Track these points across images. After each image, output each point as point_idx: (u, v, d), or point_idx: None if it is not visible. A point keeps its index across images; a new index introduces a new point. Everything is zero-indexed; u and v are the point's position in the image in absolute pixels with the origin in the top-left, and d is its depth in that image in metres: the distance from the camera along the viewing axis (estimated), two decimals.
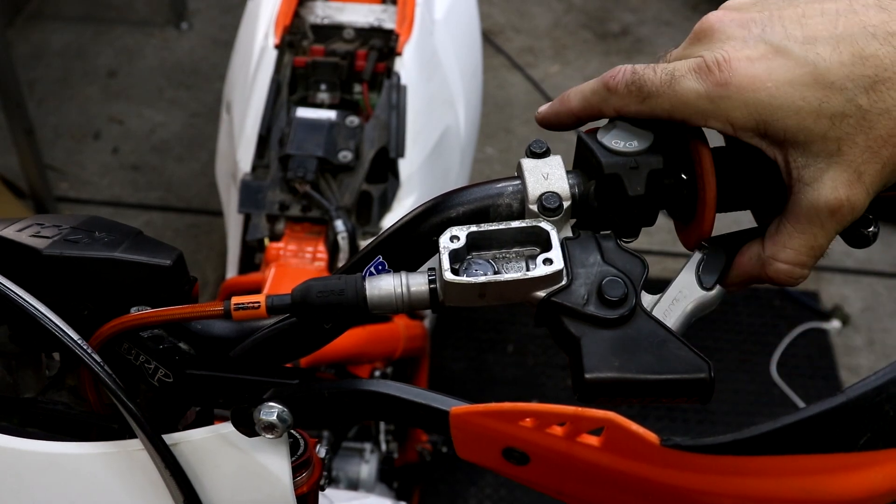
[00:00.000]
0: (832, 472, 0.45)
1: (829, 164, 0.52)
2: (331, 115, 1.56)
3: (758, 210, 0.63)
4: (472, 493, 2.19)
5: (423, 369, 1.78)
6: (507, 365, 2.45)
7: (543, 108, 0.63)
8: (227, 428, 0.62)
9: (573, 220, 0.59)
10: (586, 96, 0.60)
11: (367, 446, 1.59)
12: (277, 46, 1.66)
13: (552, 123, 0.63)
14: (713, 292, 0.58)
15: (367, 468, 1.57)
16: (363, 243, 1.47)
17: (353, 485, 1.55)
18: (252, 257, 1.57)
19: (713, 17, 0.56)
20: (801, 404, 2.36)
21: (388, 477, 1.65)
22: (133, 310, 0.61)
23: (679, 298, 0.57)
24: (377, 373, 1.53)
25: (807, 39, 0.52)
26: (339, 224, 1.45)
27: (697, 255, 0.59)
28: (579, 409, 0.47)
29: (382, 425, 1.65)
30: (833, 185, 0.53)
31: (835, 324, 2.57)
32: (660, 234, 2.62)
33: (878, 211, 0.58)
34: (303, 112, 1.57)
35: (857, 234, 0.58)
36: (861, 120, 0.51)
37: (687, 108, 0.54)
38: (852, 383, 0.45)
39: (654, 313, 0.56)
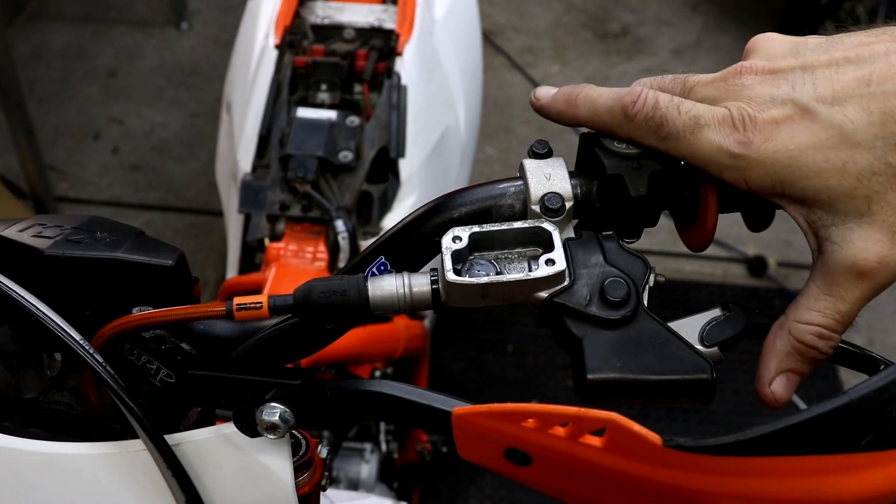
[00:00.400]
0: (835, 472, 0.45)
1: (860, 223, 0.51)
2: (331, 115, 1.56)
3: (754, 214, 0.63)
4: (472, 493, 2.19)
5: (424, 369, 1.78)
6: (507, 365, 2.45)
7: (545, 95, 0.60)
8: (228, 428, 0.62)
9: (575, 221, 0.59)
10: (598, 111, 0.57)
11: (368, 446, 1.59)
12: (278, 46, 1.66)
13: (551, 116, 0.60)
14: (709, 350, 0.56)
15: (367, 468, 1.57)
16: (363, 243, 1.47)
17: (354, 485, 1.55)
18: (252, 257, 1.57)
19: (745, 68, 0.54)
20: (802, 405, 2.36)
21: (388, 477, 1.65)
22: (135, 310, 0.61)
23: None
24: (377, 373, 1.53)
25: (836, 99, 0.51)
26: (340, 224, 1.45)
27: (716, 312, 0.58)
28: (582, 409, 0.47)
29: (382, 425, 1.65)
30: (864, 246, 0.51)
31: None
32: (660, 234, 2.62)
33: None
34: (303, 112, 1.57)
35: None
36: (892, 177, 0.50)
37: (705, 158, 0.53)
38: (854, 384, 0.45)
39: None
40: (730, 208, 0.60)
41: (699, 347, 0.55)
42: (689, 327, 0.56)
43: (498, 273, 0.55)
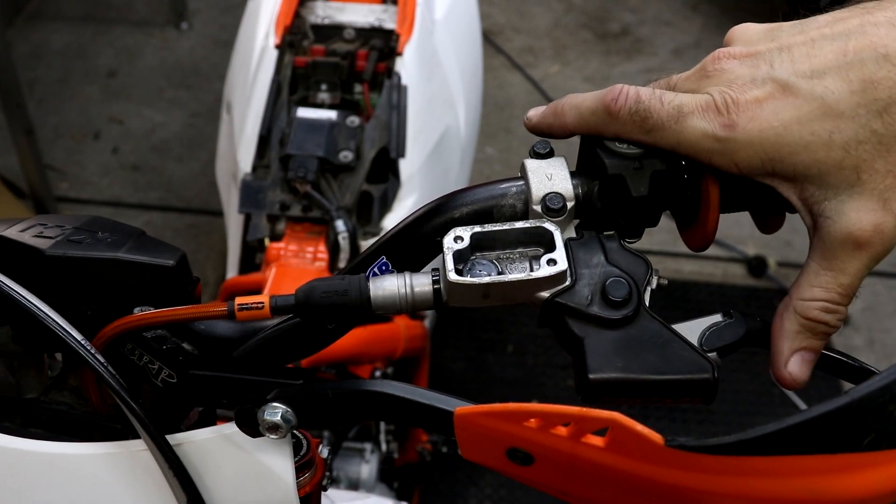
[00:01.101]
0: (836, 472, 0.45)
1: (851, 194, 0.51)
2: (331, 115, 1.56)
3: (759, 213, 0.63)
4: (472, 493, 2.19)
5: (424, 369, 1.78)
6: (507, 365, 2.45)
7: (535, 114, 0.61)
8: (230, 428, 0.62)
9: (577, 221, 0.59)
10: (583, 115, 0.58)
11: (368, 446, 1.59)
12: (278, 46, 1.66)
13: (543, 132, 0.61)
14: (707, 356, 0.55)
15: (367, 468, 1.57)
16: (364, 243, 1.47)
17: (354, 485, 1.55)
18: (252, 257, 1.57)
19: (723, 54, 0.55)
20: (802, 405, 2.36)
21: (388, 477, 1.65)
22: (136, 310, 0.61)
23: None
24: (378, 373, 1.53)
25: (814, 73, 0.51)
26: (340, 224, 1.45)
27: (716, 317, 0.58)
28: (584, 409, 0.47)
29: (383, 425, 1.65)
30: (857, 216, 0.51)
31: None
32: (660, 234, 2.62)
33: None
34: (303, 112, 1.57)
35: None
36: (878, 144, 0.50)
37: (692, 146, 0.54)
38: (856, 384, 0.45)
39: None
40: (731, 208, 0.60)
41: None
42: (689, 331, 0.56)
43: (500, 273, 0.55)
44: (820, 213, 0.52)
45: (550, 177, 0.58)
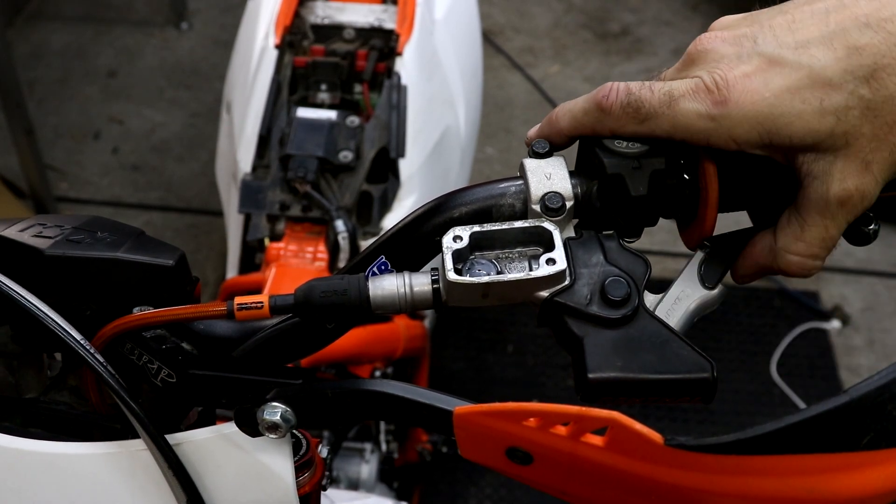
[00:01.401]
0: (835, 471, 0.45)
1: (837, 156, 0.53)
2: (331, 115, 1.56)
3: (757, 209, 0.63)
4: (472, 493, 2.19)
5: (424, 369, 1.78)
6: (507, 365, 2.45)
7: (532, 131, 0.62)
8: (229, 428, 0.62)
9: (576, 221, 0.59)
10: (577, 117, 0.59)
11: (368, 446, 1.59)
12: (278, 46, 1.66)
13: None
14: (715, 291, 0.58)
15: (367, 468, 1.57)
16: (364, 243, 1.47)
17: (354, 485, 1.55)
18: (252, 257, 1.57)
19: (705, 38, 0.56)
20: (802, 404, 2.36)
21: (388, 477, 1.65)
22: (136, 310, 0.61)
23: (681, 298, 0.58)
24: (377, 373, 1.53)
25: (799, 44, 0.52)
26: (340, 224, 1.46)
27: (699, 255, 0.59)
28: (583, 408, 0.47)
29: (382, 425, 1.65)
30: (841, 177, 0.53)
31: (835, 324, 2.57)
32: (660, 233, 2.62)
33: (879, 210, 0.58)
34: (303, 112, 1.57)
35: (858, 232, 0.58)
36: (865, 110, 0.51)
37: (688, 128, 0.54)
38: (855, 383, 0.45)
39: (657, 313, 0.56)
40: (730, 207, 0.60)
41: (707, 292, 0.57)
42: (687, 283, 0.58)
43: (499, 272, 0.55)
44: (808, 172, 0.54)
45: (549, 176, 0.58)
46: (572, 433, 0.49)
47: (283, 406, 0.59)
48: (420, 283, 0.56)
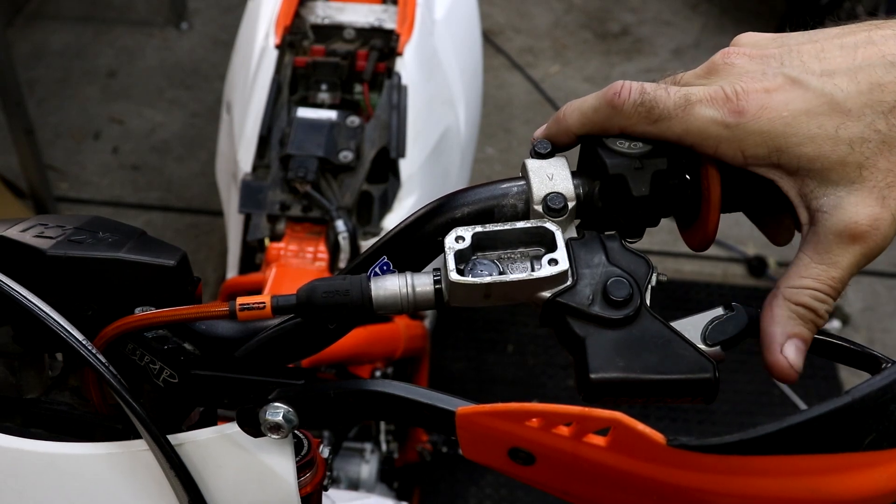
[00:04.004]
0: (837, 471, 0.45)
1: (851, 190, 0.51)
2: (331, 115, 1.56)
3: (757, 213, 0.63)
4: (472, 493, 2.19)
5: (424, 369, 1.78)
6: (508, 365, 2.45)
7: (539, 131, 0.62)
8: (231, 428, 0.62)
9: (578, 221, 0.59)
10: (586, 114, 0.58)
11: (368, 446, 1.59)
12: (278, 46, 1.66)
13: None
14: (711, 350, 0.56)
15: (367, 468, 1.57)
16: (364, 244, 1.47)
17: (354, 485, 1.55)
18: (253, 257, 1.57)
19: (732, 52, 0.56)
20: (802, 405, 2.36)
21: (388, 477, 1.65)
22: (137, 310, 0.61)
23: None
24: (377, 373, 1.53)
25: (824, 72, 0.52)
26: (340, 224, 1.46)
27: (718, 311, 0.58)
28: (586, 409, 0.47)
29: (383, 425, 1.65)
30: (855, 210, 0.51)
31: (835, 324, 2.58)
32: (660, 234, 2.63)
33: None
34: (303, 112, 1.57)
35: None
36: (881, 144, 0.51)
37: (700, 133, 0.54)
38: (856, 384, 0.45)
39: None
40: (731, 207, 0.60)
41: (702, 347, 0.55)
42: (692, 327, 0.56)
43: (501, 273, 0.55)
44: (818, 208, 0.53)
45: (552, 177, 0.58)
46: (574, 433, 0.49)
47: (286, 406, 0.59)
48: (422, 283, 0.56)
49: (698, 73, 0.57)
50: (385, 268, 0.59)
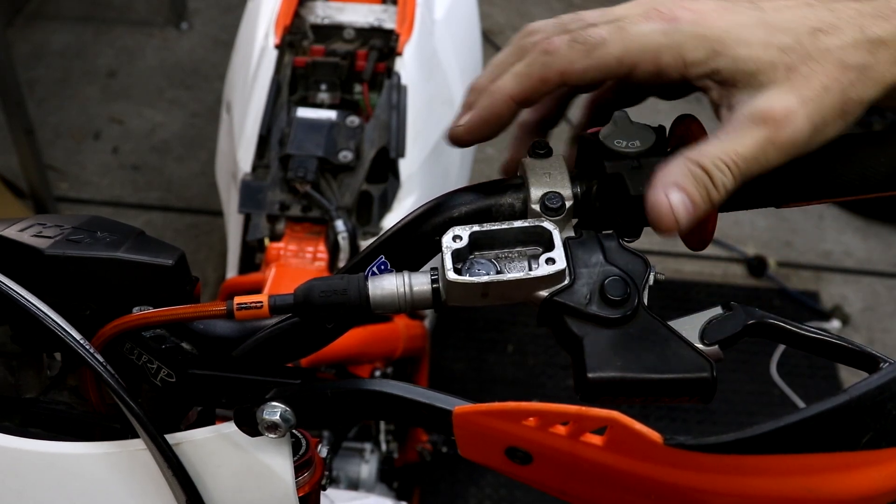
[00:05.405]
0: (835, 470, 0.45)
1: (773, 86, 0.53)
2: (331, 115, 1.56)
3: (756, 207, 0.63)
4: (472, 493, 2.19)
5: (423, 369, 1.78)
6: (508, 365, 2.45)
7: (462, 122, 0.59)
8: (229, 428, 0.61)
9: (575, 220, 0.59)
10: (521, 72, 0.57)
11: (368, 446, 1.59)
12: (277, 46, 1.66)
13: (483, 131, 0.59)
14: (709, 349, 0.55)
15: (367, 468, 1.57)
16: (363, 243, 1.48)
17: (354, 485, 1.55)
18: (252, 257, 1.57)
19: None
20: (801, 404, 2.36)
21: (388, 477, 1.65)
22: (135, 310, 0.61)
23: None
24: (377, 373, 1.53)
25: (752, 3, 0.54)
26: (340, 224, 1.46)
27: (716, 310, 0.57)
28: (583, 408, 0.47)
29: (382, 425, 1.65)
30: (771, 99, 0.52)
31: (835, 324, 2.58)
32: None
33: (876, 210, 0.58)
34: (303, 112, 1.57)
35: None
36: (806, 56, 0.52)
37: (639, 48, 0.54)
38: (854, 382, 0.45)
39: None
40: (730, 207, 0.60)
41: (699, 346, 0.55)
42: (690, 326, 0.56)
43: (498, 272, 0.55)
44: (738, 102, 0.54)
45: (549, 176, 0.58)
46: (572, 433, 0.49)
47: (283, 406, 0.59)
48: (419, 282, 0.56)
49: (624, 5, 0.57)
50: (383, 267, 0.59)
